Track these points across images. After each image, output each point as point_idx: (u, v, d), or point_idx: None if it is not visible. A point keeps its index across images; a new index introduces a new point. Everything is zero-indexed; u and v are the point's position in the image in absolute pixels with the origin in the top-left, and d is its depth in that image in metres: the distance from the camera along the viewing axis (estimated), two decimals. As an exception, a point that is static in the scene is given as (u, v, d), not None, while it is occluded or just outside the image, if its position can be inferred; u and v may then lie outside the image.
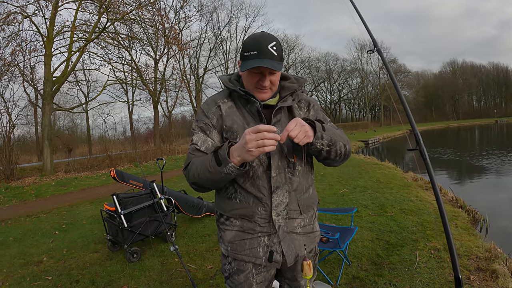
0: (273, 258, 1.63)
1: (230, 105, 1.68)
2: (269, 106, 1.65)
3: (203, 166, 1.52)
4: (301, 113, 1.73)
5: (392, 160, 14.30)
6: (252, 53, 1.52)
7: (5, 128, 15.32)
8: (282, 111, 1.67)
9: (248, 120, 1.63)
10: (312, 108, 1.78)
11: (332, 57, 65.32)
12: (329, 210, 4.90)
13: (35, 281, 4.20)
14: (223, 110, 1.67)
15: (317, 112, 1.79)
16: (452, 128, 51.07)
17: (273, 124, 1.60)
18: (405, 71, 67.97)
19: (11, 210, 9.21)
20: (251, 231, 1.64)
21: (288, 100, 1.66)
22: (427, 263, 3.81)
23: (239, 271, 1.71)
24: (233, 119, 1.65)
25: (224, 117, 1.66)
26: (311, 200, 1.75)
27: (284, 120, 1.66)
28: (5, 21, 15.72)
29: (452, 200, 7.15)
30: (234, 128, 1.63)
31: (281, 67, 1.53)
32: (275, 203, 1.60)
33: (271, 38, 1.54)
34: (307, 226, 1.74)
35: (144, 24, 18.86)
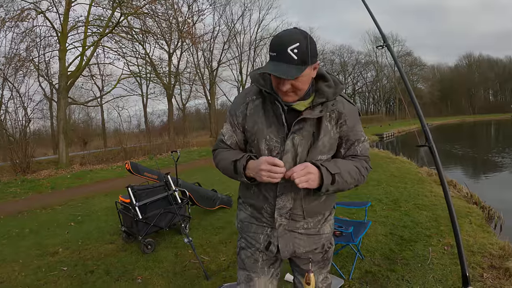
0: (270, 248, 1.76)
1: (257, 103, 1.67)
2: (297, 110, 1.59)
3: (225, 166, 1.69)
4: (329, 125, 1.61)
5: (406, 154, 14.17)
6: (272, 54, 1.44)
7: (21, 122, 15.55)
8: (308, 119, 1.58)
9: (271, 121, 1.62)
10: (343, 123, 1.63)
11: (347, 49, 64.45)
12: (342, 204, 4.89)
13: (50, 271, 4.28)
14: (249, 110, 1.68)
15: (350, 128, 1.65)
16: (468, 123, 50.39)
17: (294, 132, 1.57)
18: (420, 64, 67.11)
19: (27, 202, 9.34)
20: (258, 220, 1.78)
21: (316, 110, 1.58)
22: (441, 259, 3.78)
23: (247, 247, 1.85)
24: (255, 120, 1.65)
25: (248, 117, 1.68)
26: (322, 207, 1.76)
27: (307, 128, 1.58)
28: (19, 17, 15.91)
29: (467, 196, 7.08)
30: (255, 130, 1.64)
31: (298, 73, 1.40)
32: (278, 206, 1.66)
33: (294, 39, 1.40)
34: (312, 229, 1.76)
35: (158, 18, 18.90)
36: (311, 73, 1.51)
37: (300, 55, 1.40)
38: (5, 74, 19.04)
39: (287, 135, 1.57)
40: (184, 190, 5.66)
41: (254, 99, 1.68)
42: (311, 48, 1.43)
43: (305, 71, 1.43)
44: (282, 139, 1.59)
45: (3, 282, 4.07)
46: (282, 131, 1.59)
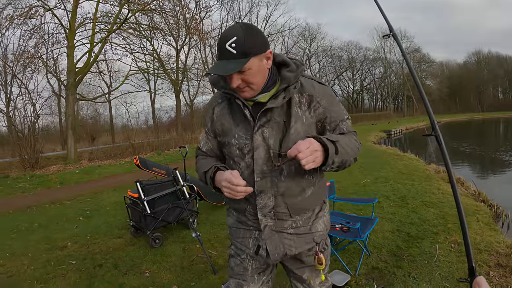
0: (259, 252, 1.67)
1: (223, 106, 1.64)
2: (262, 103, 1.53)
3: (200, 176, 1.70)
4: (299, 111, 1.53)
5: (414, 151, 14.09)
6: (218, 53, 1.41)
7: (30, 118, 15.69)
8: (274, 109, 1.51)
9: (237, 121, 1.58)
10: (317, 105, 1.55)
11: (355, 45, 64.16)
12: (350, 200, 4.91)
13: (59, 265, 4.33)
14: (215, 114, 1.66)
15: (327, 108, 1.57)
16: (477, 120, 49.93)
17: (262, 124, 1.51)
18: (429, 61, 66.60)
19: (36, 197, 9.43)
20: (245, 224, 1.71)
21: (279, 98, 1.49)
22: (447, 257, 3.78)
23: (236, 254, 1.79)
24: (222, 123, 1.63)
25: (215, 121, 1.66)
26: (308, 203, 1.65)
27: (276, 119, 1.52)
28: (27, 14, 16.01)
29: (475, 194, 7.04)
30: (224, 132, 1.62)
31: (238, 66, 1.36)
32: (259, 206, 1.58)
33: (231, 34, 1.37)
34: (301, 227, 1.66)
35: (165, 14, 18.93)
36: (262, 64, 1.44)
37: (239, 48, 1.35)
38: (13, 71, 19.26)
39: (254, 128, 1.52)
40: (192, 185, 5.69)
41: (220, 102, 1.66)
42: (251, 38, 1.37)
43: (250, 62, 1.38)
44: (250, 137, 1.54)
45: (13, 275, 4.12)
46: (250, 127, 1.54)
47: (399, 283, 3.31)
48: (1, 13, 15.84)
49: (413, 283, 3.29)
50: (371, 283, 3.33)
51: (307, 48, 54.59)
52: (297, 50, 53.18)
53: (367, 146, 16.66)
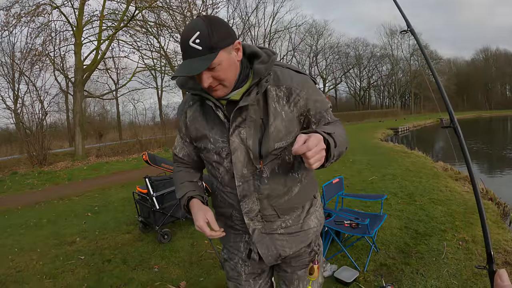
0: (251, 256, 1.59)
1: (195, 108, 1.50)
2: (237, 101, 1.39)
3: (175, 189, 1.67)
4: (278, 106, 1.38)
5: (421, 149, 14.03)
6: (182, 53, 1.27)
7: (38, 115, 15.82)
8: (249, 106, 1.37)
9: (212, 124, 1.45)
10: (298, 98, 1.40)
11: (362, 42, 63.79)
12: (358, 196, 4.91)
13: (68, 260, 4.38)
14: (188, 118, 1.53)
15: (309, 100, 1.42)
16: (484, 118, 49.60)
17: (238, 125, 1.38)
18: (436, 58, 66.07)
19: (44, 193, 9.51)
20: (233, 228, 1.61)
21: (252, 94, 1.35)
22: (455, 254, 3.77)
23: (229, 258, 1.71)
24: (196, 128, 1.50)
25: (189, 126, 1.53)
26: (296, 201, 1.53)
27: (253, 117, 1.38)
28: (35, 12, 16.09)
29: (482, 192, 7.00)
30: (199, 136, 1.49)
31: (206, 64, 1.22)
32: (244, 210, 1.48)
33: (193, 29, 1.22)
34: (292, 226, 1.55)
35: (172, 11, 18.95)
36: (232, 57, 1.29)
37: (204, 43, 1.21)
38: (21, 69, 19.36)
39: (229, 130, 1.39)
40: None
41: (191, 105, 1.52)
42: (216, 31, 1.23)
43: (218, 57, 1.24)
44: (227, 140, 1.40)
45: (22, 270, 4.17)
46: (225, 129, 1.41)
47: (407, 280, 3.31)
48: (9, 11, 15.89)
49: (421, 280, 3.29)
50: (379, 279, 3.33)
51: (314, 45, 54.41)
52: (304, 47, 53.11)
53: (374, 143, 16.63)
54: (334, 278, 3.39)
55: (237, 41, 1.31)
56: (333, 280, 3.39)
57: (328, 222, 3.88)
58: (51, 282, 3.81)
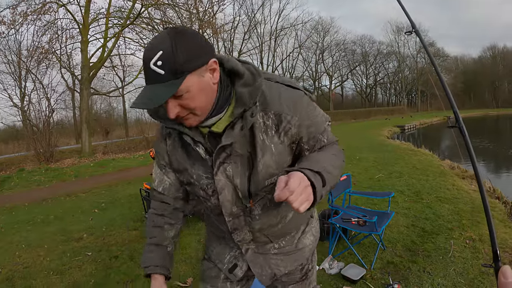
0: (234, 271, 1.46)
1: (174, 137, 1.28)
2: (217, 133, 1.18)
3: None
4: (266, 138, 1.17)
5: (428, 147, 13.97)
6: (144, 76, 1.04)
7: (45, 112, 15.81)
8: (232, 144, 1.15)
9: (193, 158, 1.25)
10: (289, 127, 1.17)
11: (368, 39, 63.49)
12: (366, 194, 4.90)
13: (75, 256, 4.40)
14: (168, 146, 1.31)
15: (302, 126, 1.20)
16: (491, 116, 49.31)
17: (223, 161, 1.18)
18: (443, 55, 65.72)
19: (51, 190, 9.57)
20: (224, 242, 1.50)
21: (236, 129, 1.12)
22: (462, 253, 3.75)
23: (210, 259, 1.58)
24: (177, 159, 1.30)
25: (170, 156, 1.32)
26: (291, 226, 1.43)
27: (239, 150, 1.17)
28: (41, 10, 16.15)
29: (489, 190, 6.96)
30: (181, 170, 1.30)
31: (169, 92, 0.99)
32: (236, 240, 1.37)
33: (156, 48, 0.98)
34: (286, 247, 1.45)
35: (178, 9, 18.97)
36: (204, 80, 1.04)
37: (167, 66, 0.97)
38: (28, 66, 19.45)
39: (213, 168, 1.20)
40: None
41: (170, 133, 1.29)
42: (183, 48, 0.98)
43: (185, 82, 0.99)
44: (211, 176, 1.22)
45: (29, 266, 4.19)
46: (208, 166, 1.22)
47: (414, 278, 3.30)
48: (15, 9, 15.95)
49: (428, 278, 3.28)
50: (386, 277, 3.32)
51: (320, 42, 54.24)
52: (310, 44, 53.00)
53: (380, 140, 16.58)
54: (341, 276, 3.39)
55: (212, 59, 1.05)
56: (340, 277, 3.38)
57: (336, 219, 3.87)
58: (58, 278, 3.83)
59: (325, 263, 3.61)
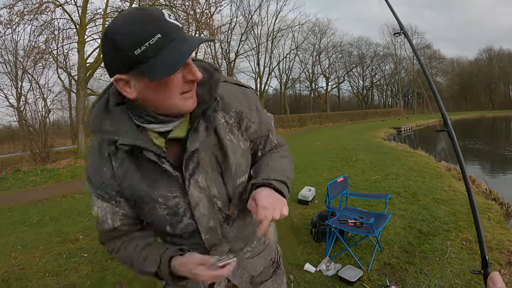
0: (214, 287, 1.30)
1: (121, 157, 1.04)
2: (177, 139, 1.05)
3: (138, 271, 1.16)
4: (233, 137, 1.12)
5: (424, 148, 14.01)
6: (152, 40, 0.85)
7: (41, 113, 15.80)
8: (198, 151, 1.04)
9: (153, 177, 1.06)
10: (249, 123, 1.15)
11: (365, 41, 63.81)
12: (363, 195, 4.90)
13: (71, 258, 4.38)
14: (115, 170, 1.06)
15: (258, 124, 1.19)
16: (487, 118, 49.51)
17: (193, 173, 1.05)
18: (439, 57, 66.16)
19: (48, 190, 9.54)
20: None
21: (200, 130, 1.03)
22: (458, 254, 3.77)
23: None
24: (130, 186, 1.07)
25: (119, 182, 1.07)
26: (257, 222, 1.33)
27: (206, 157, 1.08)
28: (38, 10, 16.10)
29: (486, 192, 6.99)
30: (136, 197, 1.09)
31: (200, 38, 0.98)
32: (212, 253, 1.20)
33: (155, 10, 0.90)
34: (257, 248, 1.37)
35: (175, 10, 18.96)
36: None
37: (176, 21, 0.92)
38: (24, 66, 19.38)
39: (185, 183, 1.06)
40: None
41: (115, 151, 1.04)
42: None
43: None
44: (180, 192, 1.07)
45: (25, 268, 4.17)
46: (175, 182, 1.06)
47: (411, 279, 3.31)
48: (12, 9, 15.91)
49: (425, 280, 3.29)
50: (383, 278, 3.32)
51: (317, 43, 54.35)
52: (307, 45, 53.09)
53: (377, 142, 16.60)
54: (338, 277, 3.39)
55: None
56: (337, 279, 3.38)
57: (332, 221, 3.87)
58: (54, 279, 3.82)
59: (322, 264, 3.61)
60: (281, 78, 49.77)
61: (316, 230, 4.26)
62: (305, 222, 4.94)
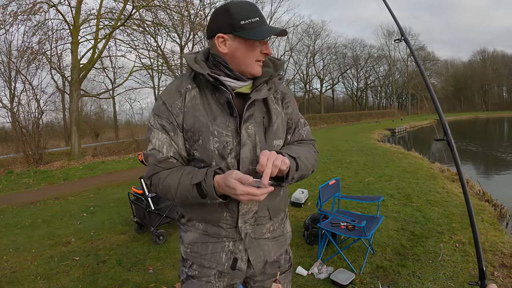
0: (237, 265, 1.46)
1: (194, 95, 1.37)
2: (241, 94, 1.40)
3: (181, 193, 1.32)
4: (278, 107, 1.47)
5: (418, 150, 14.06)
6: (254, 19, 1.30)
7: (34, 114, 15.66)
8: (256, 102, 1.39)
9: (215, 114, 1.34)
10: (288, 103, 1.53)
11: (359, 43, 64.18)
12: (355, 198, 4.90)
13: (63, 261, 4.34)
14: (186, 104, 1.36)
15: (293, 110, 1.55)
16: (481, 119, 49.78)
17: (246, 120, 1.34)
18: (433, 59, 66.36)
19: (40, 192, 9.46)
20: (216, 235, 1.46)
21: (263, 89, 1.39)
22: (452, 256, 3.77)
23: (199, 275, 1.51)
24: (195, 115, 1.35)
25: (185, 113, 1.36)
26: (282, 203, 1.56)
27: (257, 114, 1.39)
28: (32, 10, 15.99)
29: (479, 194, 7.01)
30: (196, 127, 1.34)
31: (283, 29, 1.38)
32: (242, 211, 1.40)
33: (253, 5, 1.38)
34: (277, 230, 1.56)
35: (169, 11, 18.93)
36: None
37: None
38: (17, 67, 19.22)
39: (240, 125, 1.34)
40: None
41: (190, 89, 1.38)
42: None
43: None
44: (233, 131, 1.34)
45: (16, 271, 4.13)
46: (231, 122, 1.34)
47: (404, 282, 3.30)
48: (5, 9, 15.78)
49: (418, 282, 3.29)
50: (375, 281, 3.32)
51: (312, 45, 54.48)
52: (301, 47, 53.22)
53: (371, 144, 16.63)
54: (330, 281, 3.38)
55: None
56: (329, 282, 3.38)
57: (325, 224, 3.87)
58: (46, 283, 3.78)
59: (314, 267, 3.61)
60: (276, 79, 49.65)
61: (309, 233, 4.25)
62: (297, 224, 4.93)
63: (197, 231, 1.49)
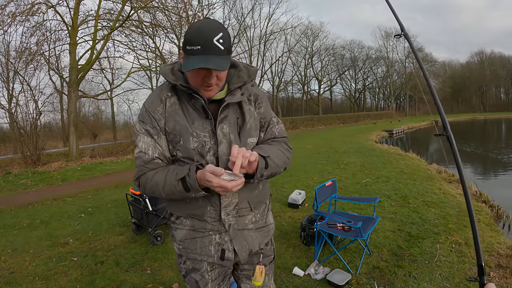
0: (225, 256, 1.60)
1: (173, 101, 1.52)
2: (216, 100, 1.52)
3: (168, 188, 1.46)
4: (251, 108, 1.60)
5: (416, 151, 14.08)
6: (195, 47, 1.33)
7: (32, 115, 15.65)
8: (230, 105, 1.52)
9: (192, 117, 1.49)
10: (261, 104, 1.63)
11: (357, 44, 64.31)
12: (351, 199, 4.92)
13: (61, 261, 4.34)
14: (167, 109, 1.51)
15: (266, 110, 1.66)
16: (479, 121, 49.88)
17: (221, 121, 1.49)
18: (431, 60, 66.45)
19: (38, 193, 9.43)
20: (202, 230, 1.59)
21: (236, 94, 1.52)
22: (448, 257, 3.79)
23: (194, 269, 1.68)
24: (175, 120, 1.50)
25: (167, 118, 1.51)
26: (263, 195, 1.70)
27: (232, 115, 1.53)
28: (30, 11, 15.97)
29: (476, 194, 7.03)
30: (177, 130, 1.49)
31: (228, 64, 1.38)
32: (224, 204, 1.54)
33: (217, 29, 1.34)
34: (259, 221, 1.70)
35: (168, 12, 18.92)
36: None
37: (227, 44, 1.36)
38: (16, 68, 19.23)
39: (215, 126, 1.48)
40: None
41: (170, 96, 1.53)
42: (229, 37, 1.41)
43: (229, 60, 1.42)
44: (210, 132, 1.48)
45: (14, 272, 4.14)
46: (207, 124, 1.49)
47: (400, 283, 3.32)
48: (4, 10, 15.77)
49: (414, 283, 3.31)
50: (372, 282, 3.34)
51: (310, 46, 54.52)
52: (299, 48, 53.25)
53: (368, 145, 16.66)
54: (326, 281, 3.40)
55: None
56: (326, 283, 3.39)
57: (321, 224, 3.89)
58: (44, 283, 3.79)
59: (311, 268, 3.62)
60: (274, 80, 49.90)
61: (305, 233, 4.27)
62: (294, 225, 4.95)
63: (185, 228, 1.63)
